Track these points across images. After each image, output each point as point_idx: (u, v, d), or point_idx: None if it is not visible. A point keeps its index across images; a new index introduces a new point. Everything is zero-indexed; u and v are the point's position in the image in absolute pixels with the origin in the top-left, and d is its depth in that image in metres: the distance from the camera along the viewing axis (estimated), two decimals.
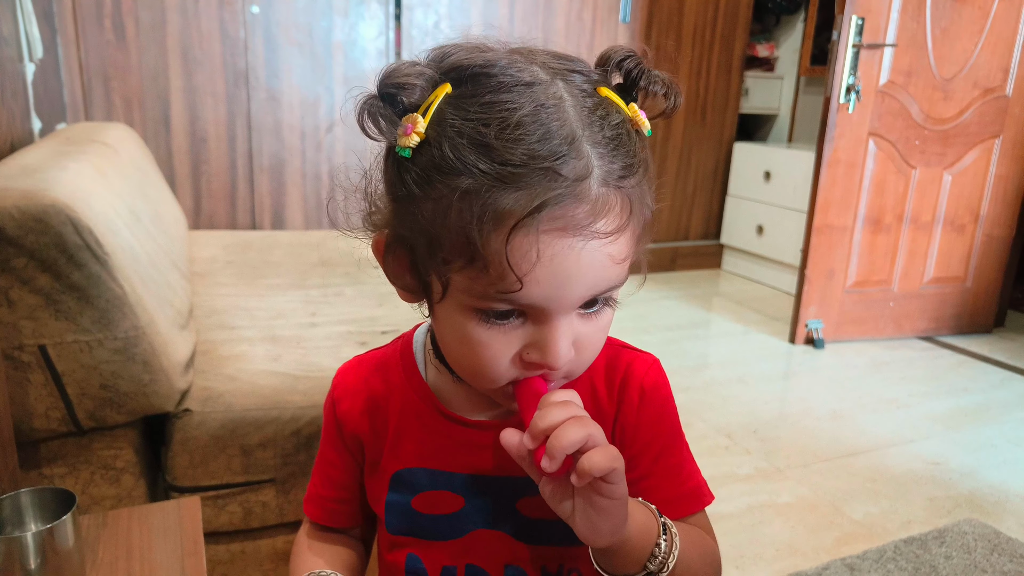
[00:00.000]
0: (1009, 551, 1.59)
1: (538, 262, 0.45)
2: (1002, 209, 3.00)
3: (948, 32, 2.70)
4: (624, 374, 0.60)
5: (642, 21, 3.46)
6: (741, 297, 3.54)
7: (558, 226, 0.45)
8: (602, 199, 0.46)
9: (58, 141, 1.57)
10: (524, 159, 0.44)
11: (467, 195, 0.45)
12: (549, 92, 0.47)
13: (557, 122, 0.46)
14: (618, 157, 0.47)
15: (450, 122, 0.46)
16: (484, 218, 0.45)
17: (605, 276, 0.48)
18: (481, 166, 0.45)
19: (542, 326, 0.49)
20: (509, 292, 0.46)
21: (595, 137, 0.47)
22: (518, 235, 0.45)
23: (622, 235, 0.47)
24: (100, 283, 1.05)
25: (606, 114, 0.48)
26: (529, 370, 0.51)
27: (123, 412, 1.12)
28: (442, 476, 0.60)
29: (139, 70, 2.62)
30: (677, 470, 0.62)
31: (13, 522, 0.75)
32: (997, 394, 2.52)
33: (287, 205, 2.98)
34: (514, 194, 0.44)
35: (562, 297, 0.47)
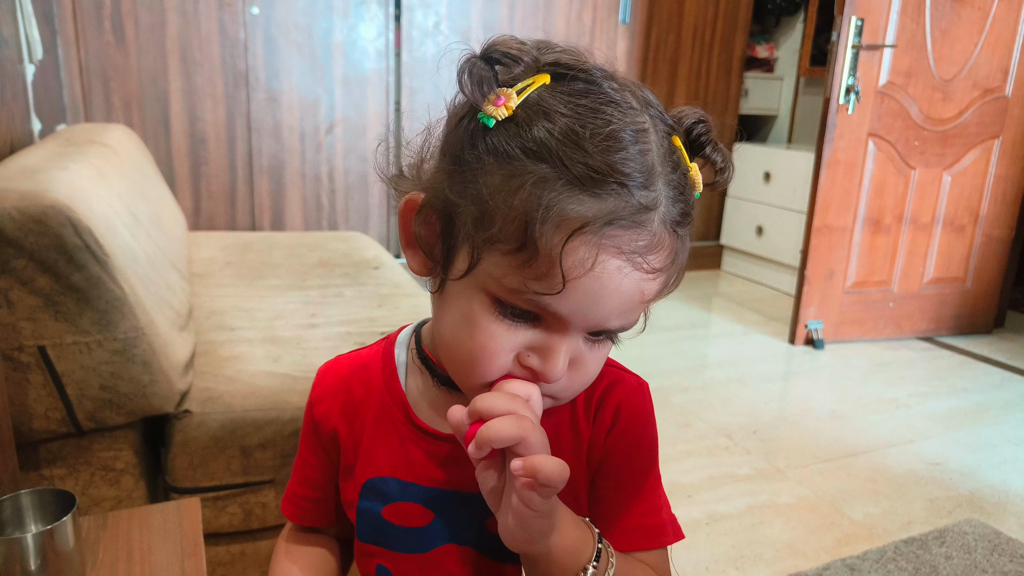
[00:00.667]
0: (1010, 551, 1.59)
1: (589, 273, 0.45)
2: (1002, 209, 3.00)
3: (947, 33, 2.70)
4: (603, 393, 0.59)
5: (642, 22, 3.46)
6: (741, 298, 3.54)
7: (617, 244, 0.45)
8: (659, 236, 0.47)
9: (58, 142, 1.57)
10: (608, 170, 0.44)
11: (543, 183, 0.44)
12: (639, 120, 0.47)
13: (644, 148, 0.46)
14: (679, 203, 0.48)
15: (545, 110, 0.46)
16: (552, 211, 0.44)
17: (630, 309, 0.49)
18: (566, 161, 0.44)
19: (553, 335, 0.49)
20: (546, 294, 0.46)
21: (668, 177, 0.48)
22: (579, 240, 0.44)
23: (661, 277, 0.48)
24: (100, 284, 1.05)
25: (678, 161, 0.49)
26: (521, 372, 0.50)
27: (123, 413, 1.12)
28: (412, 488, 0.59)
29: (139, 71, 2.62)
30: (638, 502, 0.59)
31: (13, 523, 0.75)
32: (997, 394, 2.52)
33: (286, 206, 2.98)
34: (589, 200, 0.44)
35: (588, 314, 0.47)
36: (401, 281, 2.03)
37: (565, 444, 0.58)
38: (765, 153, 3.67)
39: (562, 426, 0.59)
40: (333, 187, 3.04)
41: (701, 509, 1.71)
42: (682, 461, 1.93)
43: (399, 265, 2.23)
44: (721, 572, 1.52)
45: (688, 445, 2.01)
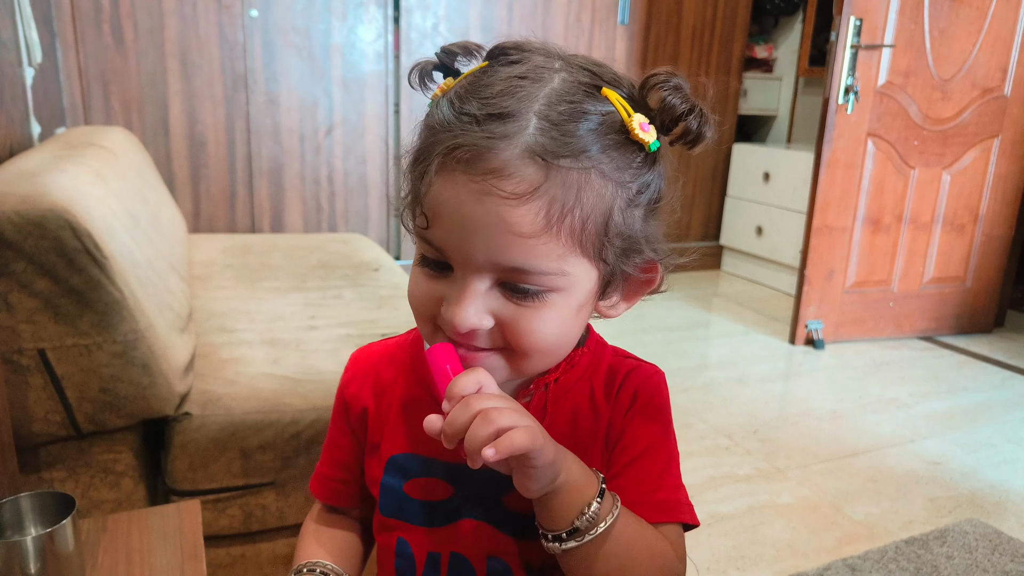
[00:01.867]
0: (1011, 551, 1.59)
1: (448, 201, 0.48)
2: (1001, 208, 3.00)
3: (946, 32, 2.71)
4: (623, 380, 0.61)
5: (641, 23, 3.46)
6: (741, 298, 3.54)
7: (464, 171, 0.47)
8: (516, 162, 0.47)
9: (57, 145, 1.57)
10: (465, 109, 0.48)
11: (420, 136, 0.51)
12: (538, 73, 0.50)
13: (521, 92, 0.48)
14: (563, 137, 0.47)
15: (457, 86, 0.51)
16: (425, 158, 0.50)
17: (508, 246, 0.48)
18: (439, 111, 0.50)
19: (456, 283, 0.51)
20: (422, 230, 0.51)
21: (548, 112, 0.48)
22: (436, 174, 0.49)
23: (525, 205, 0.47)
24: (99, 287, 1.05)
25: (581, 103, 0.49)
26: (446, 330, 0.52)
27: (123, 416, 1.12)
28: (434, 463, 0.61)
29: (138, 74, 2.62)
30: (651, 477, 0.60)
31: (13, 526, 0.75)
32: (997, 394, 2.52)
33: (286, 208, 2.98)
34: (440, 134, 0.49)
35: (461, 248, 0.49)
36: (400, 283, 2.03)
37: (583, 424, 0.60)
38: (764, 153, 3.67)
39: (581, 407, 0.60)
40: (332, 189, 3.04)
41: (702, 509, 1.71)
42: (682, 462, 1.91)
43: (399, 267, 2.23)
44: (722, 572, 1.52)
45: (688, 445, 2.01)
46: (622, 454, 0.60)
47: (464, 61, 0.54)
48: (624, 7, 3.38)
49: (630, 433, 0.60)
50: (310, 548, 0.67)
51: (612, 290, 0.56)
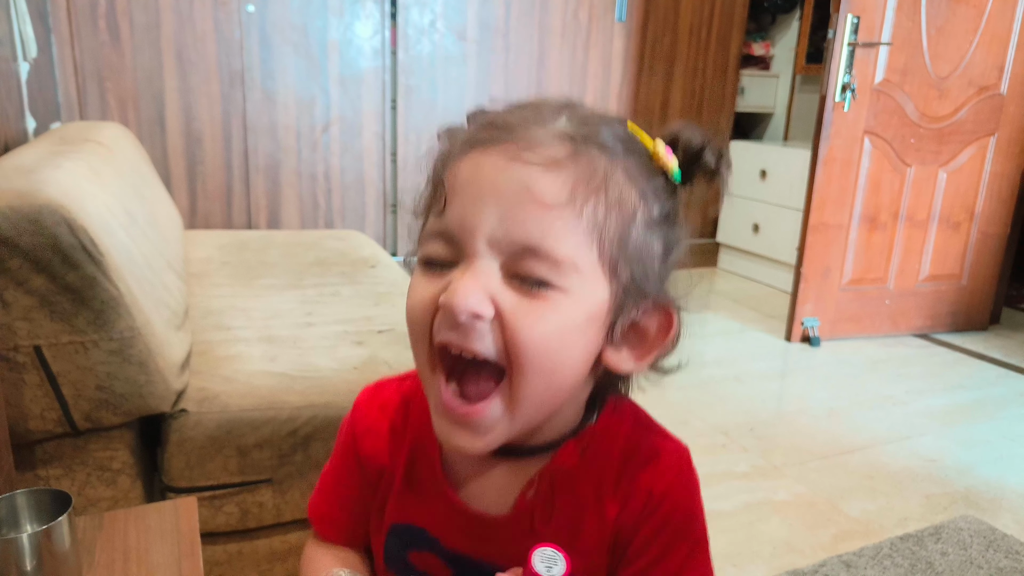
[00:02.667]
0: (1005, 547, 1.60)
1: (464, 176, 0.48)
2: (997, 207, 3.01)
3: (943, 30, 2.71)
4: (634, 470, 0.55)
5: (638, 20, 3.46)
6: (737, 295, 3.55)
7: (495, 140, 0.48)
8: (547, 138, 0.47)
9: (52, 140, 1.57)
10: (493, 120, 0.50)
11: (449, 144, 0.52)
12: (563, 104, 0.52)
13: (549, 106, 0.51)
14: (592, 131, 0.49)
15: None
16: (448, 152, 0.51)
17: (524, 216, 0.45)
18: (464, 134, 0.51)
19: (460, 269, 0.48)
20: (438, 218, 0.49)
21: (576, 114, 0.50)
22: (460, 155, 0.49)
23: (551, 173, 0.46)
24: (95, 284, 1.05)
25: (607, 121, 0.51)
26: (442, 325, 0.47)
27: (119, 413, 1.12)
28: (439, 546, 0.59)
29: (134, 70, 2.61)
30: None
31: (9, 524, 0.75)
32: (993, 391, 2.53)
33: (283, 205, 2.97)
34: (474, 127, 0.50)
35: (475, 222, 0.47)
36: (398, 280, 2.03)
37: (588, 525, 0.55)
38: (761, 151, 3.67)
39: (586, 505, 0.56)
40: (329, 186, 3.04)
41: None
42: None
43: (395, 264, 2.22)
44: (718, 570, 1.52)
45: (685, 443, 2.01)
46: (631, 563, 0.56)
47: None
48: (621, 4, 3.38)
49: (642, 539, 0.55)
50: (326, 561, 0.64)
51: (620, 335, 0.51)
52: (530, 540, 0.53)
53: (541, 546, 0.47)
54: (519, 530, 0.56)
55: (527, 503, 0.56)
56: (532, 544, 0.53)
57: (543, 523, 0.56)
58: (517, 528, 0.56)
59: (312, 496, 0.68)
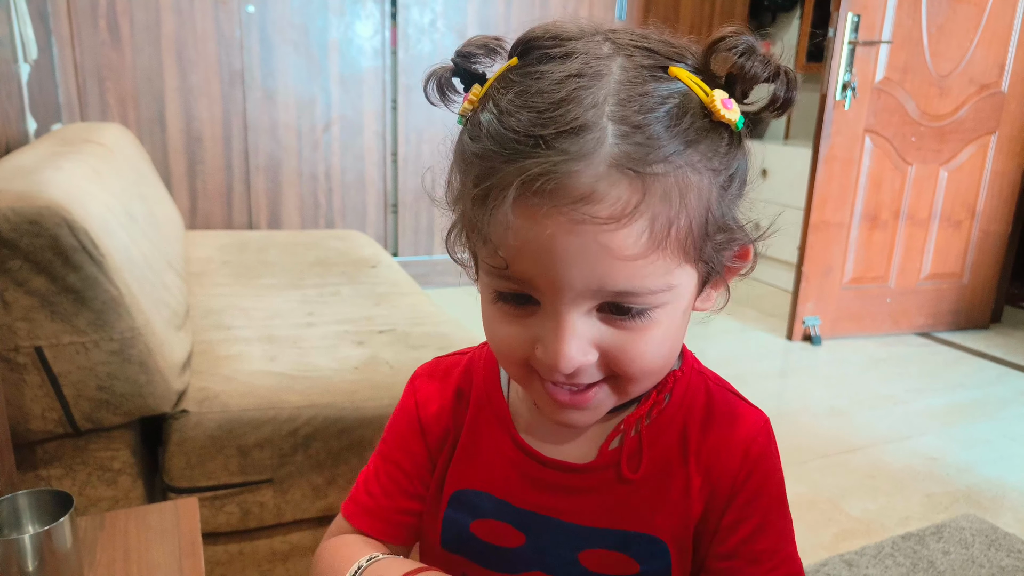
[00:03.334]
0: (1006, 546, 1.60)
1: (518, 238, 0.42)
2: (998, 205, 3.00)
3: (944, 29, 2.71)
4: (726, 429, 0.55)
5: (638, 19, 3.46)
6: (738, 294, 3.51)
7: (545, 201, 0.41)
8: (604, 182, 0.40)
9: (53, 142, 1.57)
10: (523, 125, 0.41)
11: (473, 164, 0.44)
12: (594, 64, 0.43)
13: (583, 94, 0.41)
14: (648, 141, 0.41)
15: (492, 93, 0.45)
16: (476, 188, 0.43)
17: (610, 271, 0.42)
18: (489, 131, 0.43)
19: (548, 319, 0.44)
20: (499, 268, 0.44)
21: (625, 114, 0.41)
22: (509, 211, 0.41)
23: (627, 227, 0.41)
24: (96, 284, 1.05)
25: (654, 93, 0.42)
26: (546, 371, 0.46)
27: (120, 413, 1.12)
28: (507, 508, 0.55)
29: (134, 70, 2.61)
30: (770, 555, 0.54)
31: (10, 524, 0.75)
32: (994, 390, 2.52)
33: (283, 205, 2.97)
34: (503, 164, 0.42)
35: (555, 281, 0.43)
36: (398, 280, 2.03)
37: (675, 480, 0.54)
38: (762, 149, 3.67)
39: (673, 456, 0.54)
40: (330, 185, 3.04)
41: None
42: None
43: (396, 264, 2.23)
44: None
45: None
46: (733, 530, 0.54)
47: (486, 62, 0.48)
48: (621, 3, 3.38)
49: (739, 507, 0.54)
50: (358, 546, 0.57)
51: (710, 287, 0.52)
52: (618, 490, 0.53)
53: None
54: (603, 480, 0.54)
55: (613, 452, 0.54)
56: (618, 496, 0.52)
57: (632, 471, 0.53)
58: (601, 478, 0.54)
59: (350, 493, 0.62)
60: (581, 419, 0.49)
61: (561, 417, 0.49)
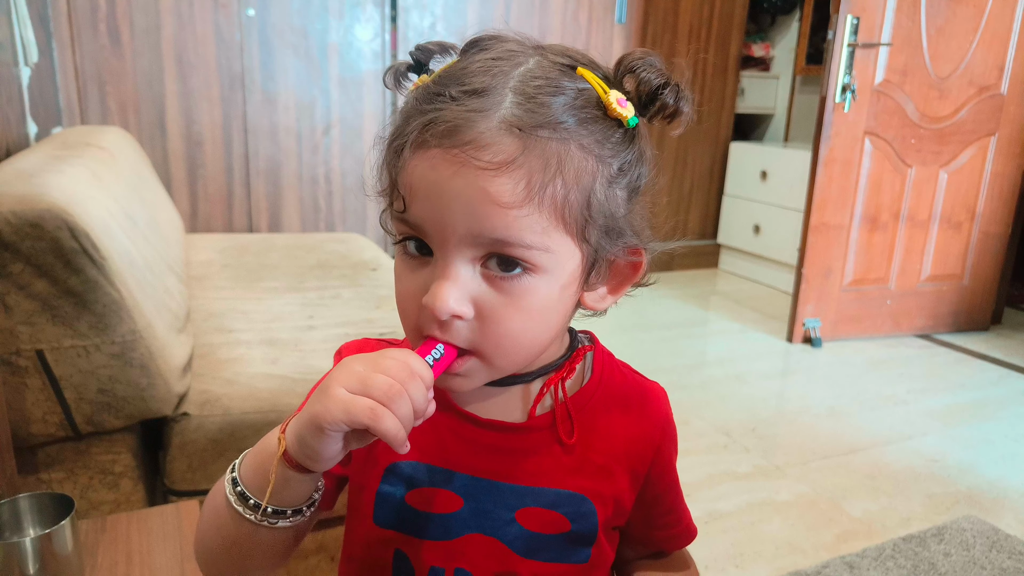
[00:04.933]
0: (1008, 548, 1.60)
1: (425, 176, 0.48)
2: (998, 206, 3.01)
3: (943, 31, 2.71)
4: (645, 403, 0.61)
5: (638, 21, 3.46)
6: (738, 296, 3.55)
7: (441, 145, 0.47)
8: (493, 133, 0.46)
9: (54, 145, 1.57)
10: (438, 87, 0.49)
11: (395, 125, 0.51)
12: (513, 56, 0.50)
13: (495, 70, 0.48)
14: (539, 108, 0.47)
15: (432, 76, 0.52)
16: (399, 139, 0.50)
17: (489, 216, 0.47)
18: (414, 96, 0.50)
19: (437, 267, 0.49)
20: (400, 213, 0.50)
21: (526, 89, 0.48)
22: (410, 154, 0.48)
23: (504, 175, 0.46)
24: (97, 288, 1.05)
25: (557, 80, 0.49)
26: (426, 321, 0.50)
27: (121, 416, 1.12)
28: (442, 473, 0.57)
29: (134, 74, 2.61)
30: (675, 509, 0.64)
31: (12, 527, 0.75)
32: (995, 391, 2.52)
33: (284, 208, 2.98)
34: (415, 117, 0.48)
35: (441, 222, 0.48)
36: None
37: (610, 443, 0.59)
38: (762, 152, 3.67)
39: (600, 423, 0.59)
40: (330, 189, 3.04)
41: (700, 507, 1.71)
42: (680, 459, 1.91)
43: None
44: (721, 570, 1.52)
45: (686, 443, 2.01)
46: (650, 486, 0.61)
47: (440, 60, 0.54)
48: (621, 6, 3.38)
49: (660, 466, 0.61)
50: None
51: (597, 278, 0.54)
52: (553, 451, 0.57)
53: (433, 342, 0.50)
54: (539, 441, 0.57)
55: (544, 415, 0.58)
56: (553, 457, 0.57)
57: (567, 436, 0.57)
58: (536, 439, 0.57)
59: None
60: (457, 384, 0.53)
61: (443, 382, 0.52)
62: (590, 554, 0.58)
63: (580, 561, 0.58)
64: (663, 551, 0.67)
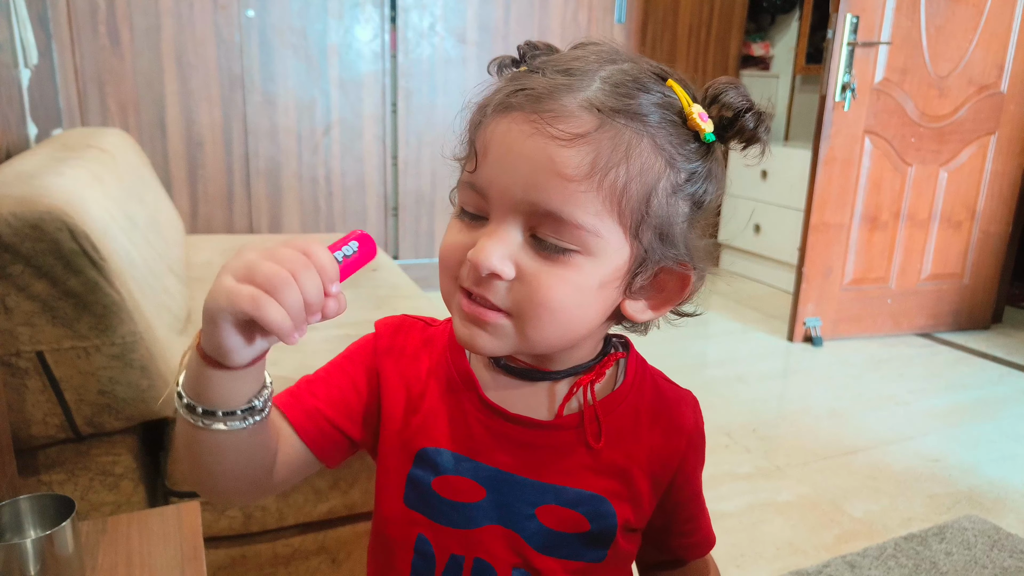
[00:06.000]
0: (1009, 547, 1.60)
1: (499, 139, 0.50)
2: (998, 205, 3.01)
3: (943, 30, 2.71)
4: (674, 410, 0.63)
5: (637, 21, 3.46)
6: (739, 296, 3.54)
7: (523, 109, 0.49)
8: (574, 107, 0.48)
9: (54, 147, 1.57)
10: (535, 66, 0.51)
11: (488, 96, 0.53)
12: (608, 55, 0.52)
13: (590, 59, 0.51)
14: (624, 98, 0.49)
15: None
16: (484, 106, 0.52)
17: (546, 183, 0.48)
18: (507, 76, 0.53)
19: (488, 227, 0.51)
20: (471, 172, 0.51)
21: (615, 79, 0.50)
22: (493, 115, 0.50)
23: (573, 148, 0.47)
24: (97, 289, 1.05)
25: (646, 82, 0.51)
26: (466, 274, 0.51)
27: (121, 418, 1.12)
28: (468, 463, 0.58)
29: (134, 75, 2.61)
30: (698, 515, 0.67)
31: (12, 529, 0.75)
32: (995, 390, 2.52)
33: (284, 208, 2.98)
34: (509, 87, 0.51)
35: (504, 185, 0.49)
36: (399, 283, 2.03)
37: (638, 449, 0.60)
38: None
39: (627, 428, 0.60)
40: (330, 189, 3.04)
41: None
42: None
43: (397, 267, 2.23)
44: (722, 571, 1.52)
45: None
46: (672, 495, 0.63)
47: (543, 57, 0.55)
48: (621, 5, 3.38)
49: (684, 476, 0.63)
50: None
51: (640, 287, 0.54)
52: (577, 452, 0.58)
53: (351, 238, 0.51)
54: (564, 440, 0.58)
55: (572, 416, 0.58)
56: (577, 457, 0.58)
57: (595, 439, 0.58)
58: (563, 438, 0.58)
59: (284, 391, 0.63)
60: (482, 341, 0.53)
61: (466, 333, 0.53)
62: (606, 554, 0.59)
63: (596, 560, 0.59)
64: (681, 559, 0.69)
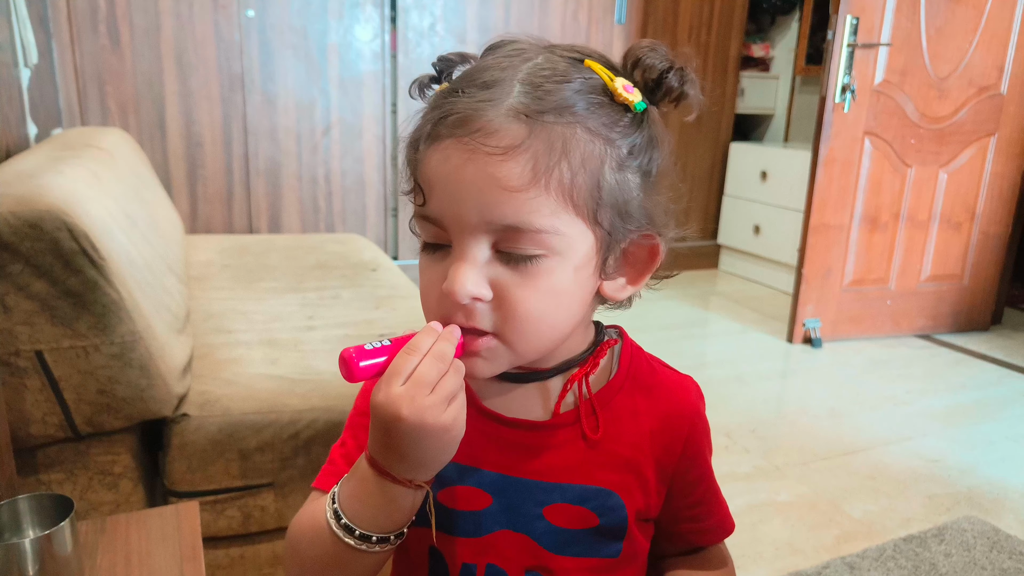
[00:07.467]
0: (1008, 548, 1.59)
1: (439, 168, 0.50)
2: (998, 207, 3.01)
3: (943, 31, 2.71)
4: (672, 397, 0.62)
5: (637, 22, 3.46)
6: (739, 296, 3.54)
7: (453, 135, 0.49)
8: (500, 120, 0.48)
9: (54, 146, 1.57)
10: (452, 86, 0.52)
11: (419, 125, 0.53)
12: (523, 53, 0.52)
13: (505, 64, 0.51)
14: (546, 96, 0.49)
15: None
16: (417, 137, 0.53)
17: (498, 202, 0.48)
18: (433, 101, 0.53)
19: (454, 256, 0.51)
20: (420, 207, 0.52)
21: (533, 80, 0.50)
22: (426, 148, 0.51)
23: (511, 160, 0.48)
24: (96, 288, 1.05)
25: (564, 71, 0.51)
26: (449, 309, 0.51)
27: (120, 417, 1.12)
28: (471, 472, 0.58)
29: (134, 75, 2.61)
30: (711, 502, 0.65)
31: (11, 528, 0.75)
32: (995, 391, 2.52)
33: (283, 208, 2.97)
34: (431, 113, 0.52)
35: (456, 212, 0.50)
36: (398, 283, 2.03)
37: (636, 438, 0.59)
38: (762, 152, 3.67)
39: (625, 417, 0.59)
40: (330, 189, 3.04)
41: None
42: None
43: (396, 267, 2.23)
44: None
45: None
46: (679, 479, 0.61)
47: (461, 69, 0.56)
48: (621, 6, 3.38)
49: (689, 459, 0.62)
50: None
51: (613, 267, 0.55)
52: (578, 447, 0.58)
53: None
54: (564, 438, 0.58)
55: (567, 413, 0.58)
56: (578, 453, 0.58)
57: (592, 431, 0.58)
58: (561, 436, 0.58)
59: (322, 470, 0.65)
60: (480, 367, 0.53)
61: (466, 365, 0.53)
62: (621, 548, 0.59)
63: (611, 555, 0.59)
64: (696, 546, 0.66)
